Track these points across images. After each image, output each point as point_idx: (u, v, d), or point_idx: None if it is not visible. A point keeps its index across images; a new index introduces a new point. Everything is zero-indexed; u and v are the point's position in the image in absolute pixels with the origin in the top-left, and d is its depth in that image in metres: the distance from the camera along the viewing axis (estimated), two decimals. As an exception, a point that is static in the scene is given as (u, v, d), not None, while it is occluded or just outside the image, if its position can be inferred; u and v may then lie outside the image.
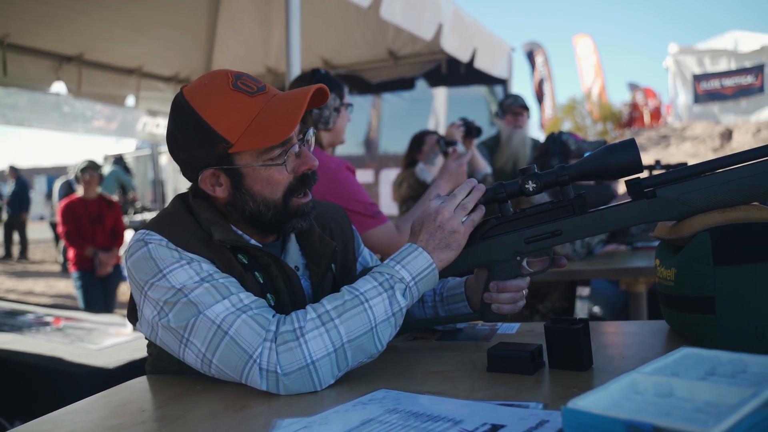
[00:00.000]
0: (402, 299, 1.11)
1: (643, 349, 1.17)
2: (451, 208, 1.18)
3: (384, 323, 1.09)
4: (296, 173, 1.20)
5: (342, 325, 1.06)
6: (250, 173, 1.18)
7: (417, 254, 1.15)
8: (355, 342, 1.06)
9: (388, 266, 1.14)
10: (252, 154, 1.17)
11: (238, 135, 1.14)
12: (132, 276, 1.17)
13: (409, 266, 1.14)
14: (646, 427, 0.60)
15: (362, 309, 1.08)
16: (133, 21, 4.84)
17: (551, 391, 0.96)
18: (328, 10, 5.05)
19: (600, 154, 1.12)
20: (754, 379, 0.76)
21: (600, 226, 1.15)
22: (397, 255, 1.16)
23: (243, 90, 1.16)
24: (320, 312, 1.07)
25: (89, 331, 3.12)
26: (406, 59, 5.85)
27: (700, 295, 1.06)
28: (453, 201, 1.19)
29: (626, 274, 2.82)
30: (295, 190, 1.21)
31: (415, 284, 1.14)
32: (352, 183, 2.28)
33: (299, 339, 1.03)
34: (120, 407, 1.07)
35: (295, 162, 1.20)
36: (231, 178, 1.19)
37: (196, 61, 5.83)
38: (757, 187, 1.06)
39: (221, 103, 1.15)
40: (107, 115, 5.82)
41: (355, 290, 1.10)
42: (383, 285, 1.11)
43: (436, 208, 1.18)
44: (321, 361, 1.03)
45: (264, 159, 1.17)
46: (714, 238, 1.04)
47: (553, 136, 3.13)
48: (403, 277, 1.12)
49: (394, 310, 1.10)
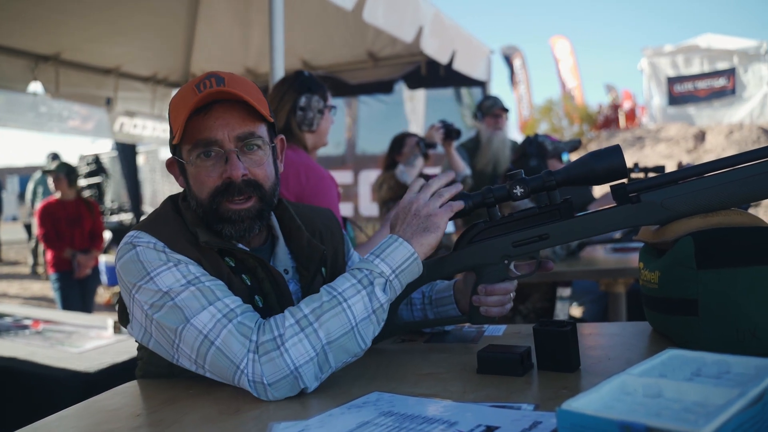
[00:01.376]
0: (382, 295, 1.10)
1: (628, 350, 1.20)
2: (426, 196, 1.18)
3: (365, 321, 1.08)
4: (222, 179, 1.20)
5: (321, 328, 1.06)
6: (189, 168, 1.23)
7: (397, 245, 1.14)
8: (335, 343, 1.06)
9: (368, 261, 1.13)
10: (186, 150, 1.22)
11: (177, 129, 1.19)
12: (121, 279, 1.18)
13: (389, 259, 1.12)
14: (640, 428, 0.62)
15: (340, 309, 1.07)
16: (111, 20, 4.78)
17: (541, 393, 0.98)
18: (308, 12, 5.04)
19: (586, 159, 1.15)
20: (738, 379, 0.79)
21: (586, 230, 1.18)
22: (376, 249, 1.15)
23: (197, 89, 1.19)
24: (298, 317, 1.07)
25: (69, 335, 3.09)
26: (386, 61, 5.87)
27: (684, 297, 1.09)
28: (427, 190, 1.20)
29: (606, 275, 2.87)
30: (219, 195, 1.20)
31: (396, 277, 1.12)
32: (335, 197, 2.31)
33: (280, 348, 1.04)
34: (113, 412, 1.07)
35: (222, 167, 1.20)
36: (180, 170, 1.27)
37: (175, 61, 5.78)
38: (738, 193, 1.09)
39: (178, 98, 1.22)
40: (84, 115, 5.75)
41: (333, 290, 1.10)
42: (362, 282, 1.10)
43: (409, 199, 1.20)
44: (304, 367, 1.04)
45: (192, 155, 1.21)
46: (697, 242, 1.07)
47: (530, 139, 3.18)
48: (382, 271, 1.11)
49: (374, 306, 1.09)
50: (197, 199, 1.23)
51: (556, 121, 16.46)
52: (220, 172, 1.20)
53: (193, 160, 1.21)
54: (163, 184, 11.64)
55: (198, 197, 1.22)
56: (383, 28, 3.93)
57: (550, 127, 16.35)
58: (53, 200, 4.98)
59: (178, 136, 1.19)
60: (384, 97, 6.72)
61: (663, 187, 1.14)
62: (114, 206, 10.24)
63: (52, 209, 4.91)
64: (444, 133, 3.76)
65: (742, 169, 1.10)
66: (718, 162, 1.11)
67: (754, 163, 1.09)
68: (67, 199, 4.97)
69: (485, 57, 5.85)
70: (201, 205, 1.22)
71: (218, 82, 1.19)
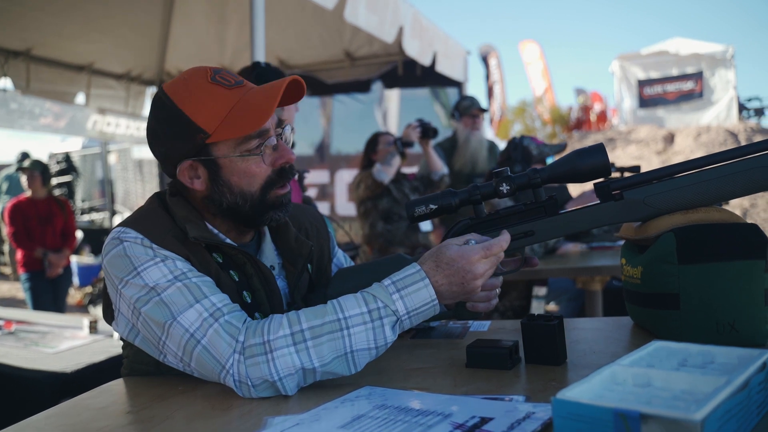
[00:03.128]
0: (390, 333, 1.06)
1: (611, 344, 1.23)
2: (486, 268, 1.10)
3: (363, 352, 1.05)
4: (274, 166, 1.21)
5: (314, 349, 1.03)
6: (227, 164, 1.19)
7: (422, 285, 1.07)
8: (325, 367, 1.04)
9: (386, 292, 1.07)
10: (229, 145, 1.18)
11: (215, 125, 1.16)
12: (108, 274, 1.17)
13: (409, 299, 1.06)
14: (634, 415, 0.64)
15: (339, 336, 1.04)
16: (84, 16, 4.72)
17: (531, 385, 1.00)
18: (286, 10, 5.04)
19: (571, 158, 1.17)
20: (723, 368, 0.82)
21: (570, 226, 1.20)
22: (400, 279, 1.08)
23: (220, 83, 1.18)
24: (294, 330, 1.04)
25: (43, 335, 3.03)
26: (363, 60, 5.90)
27: (666, 291, 1.13)
28: (492, 263, 1.12)
29: (583, 272, 2.92)
30: (273, 184, 1.21)
31: (409, 318, 1.07)
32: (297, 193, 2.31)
33: (267, 354, 1.03)
34: (102, 410, 1.06)
35: (272, 155, 1.21)
36: (209, 169, 1.20)
37: (149, 58, 5.73)
38: (717, 190, 1.13)
39: (199, 95, 1.17)
40: (56, 113, 5.65)
41: (340, 312, 1.06)
42: (372, 314, 1.05)
43: (474, 266, 1.09)
44: (287, 378, 1.03)
45: (241, 150, 1.18)
46: (678, 238, 1.10)
47: (515, 143, 3.20)
48: (397, 309, 1.06)
49: (378, 343, 1.06)
50: (244, 194, 1.20)
51: (529, 122, 16.63)
52: (270, 161, 1.21)
53: (241, 154, 1.18)
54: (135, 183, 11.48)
55: (246, 191, 1.20)
56: (364, 28, 3.94)
57: (524, 128, 16.52)
58: (23, 198, 4.89)
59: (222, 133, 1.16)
60: (361, 96, 6.72)
61: (646, 185, 1.17)
62: (85, 206, 10.06)
63: (22, 207, 4.82)
64: (421, 131, 3.78)
65: (722, 167, 1.13)
66: (698, 160, 1.14)
67: (733, 162, 1.12)
68: (39, 197, 4.88)
69: (462, 58, 5.90)
70: (249, 199, 1.20)
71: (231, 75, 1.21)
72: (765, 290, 1.08)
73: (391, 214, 3.79)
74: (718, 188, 1.13)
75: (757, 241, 1.07)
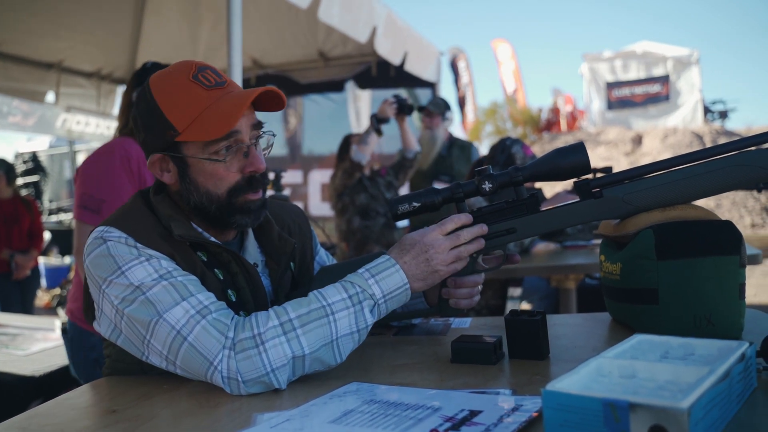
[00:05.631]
0: (369, 316, 1.11)
1: (592, 339, 1.26)
2: (447, 247, 1.16)
3: (347, 337, 1.09)
4: (243, 173, 1.21)
5: (304, 336, 1.06)
6: (195, 164, 1.19)
7: (393, 271, 1.13)
8: (314, 354, 1.06)
9: (362, 278, 1.13)
10: (197, 146, 1.18)
11: (185, 125, 1.16)
12: (90, 274, 1.16)
13: (383, 283, 1.12)
14: (623, 404, 0.66)
15: (326, 321, 1.07)
16: (54, 13, 4.62)
17: (516, 379, 1.02)
18: (260, 10, 5.01)
19: (552, 156, 1.19)
20: (703, 360, 0.84)
21: (550, 223, 1.23)
22: (373, 267, 1.14)
23: (200, 82, 1.18)
24: (283, 320, 1.06)
25: (14, 337, 2.98)
26: (336, 61, 5.89)
27: (644, 287, 1.16)
28: (453, 240, 1.17)
29: (557, 271, 2.96)
30: (241, 189, 1.20)
31: (385, 302, 1.13)
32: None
33: (258, 347, 1.04)
34: (87, 409, 1.05)
35: (242, 161, 1.20)
36: (177, 166, 1.21)
37: (120, 57, 5.63)
38: (694, 188, 1.16)
39: (176, 92, 1.18)
40: (25, 111, 5.53)
41: (323, 299, 1.09)
42: (352, 299, 1.10)
43: (432, 240, 1.16)
44: (280, 369, 1.04)
45: (208, 152, 1.18)
46: (657, 235, 1.13)
47: (502, 145, 3.22)
48: (374, 293, 1.11)
49: (360, 326, 1.10)
50: (210, 195, 1.20)
51: (500, 123, 16.79)
52: (239, 167, 1.20)
53: (208, 156, 1.17)
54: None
55: (212, 193, 1.19)
56: (338, 28, 3.94)
57: (495, 129, 16.67)
58: (-12, 198, 4.79)
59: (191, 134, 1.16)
60: (334, 96, 6.72)
61: (625, 183, 1.20)
62: (53, 206, 9.87)
63: (-13, 208, 4.71)
64: (397, 107, 3.78)
65: (697, 166, 1.16)
66: (675, 159, 1.18)
67: (710, 160, 1.16)
68: (4, 197, 4.78)
69: (435, 58, 5.94)
70: (215, 201, 1.20)
71: (215, 74, 1.20)
72: (739, 285, 1.11)
73: (369, 210, 3.81)
74: (697, 186, 1.16)
75: (732, 238, 1.11)
